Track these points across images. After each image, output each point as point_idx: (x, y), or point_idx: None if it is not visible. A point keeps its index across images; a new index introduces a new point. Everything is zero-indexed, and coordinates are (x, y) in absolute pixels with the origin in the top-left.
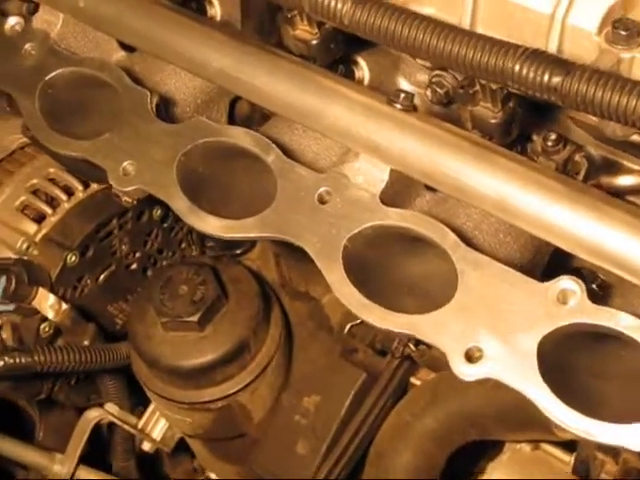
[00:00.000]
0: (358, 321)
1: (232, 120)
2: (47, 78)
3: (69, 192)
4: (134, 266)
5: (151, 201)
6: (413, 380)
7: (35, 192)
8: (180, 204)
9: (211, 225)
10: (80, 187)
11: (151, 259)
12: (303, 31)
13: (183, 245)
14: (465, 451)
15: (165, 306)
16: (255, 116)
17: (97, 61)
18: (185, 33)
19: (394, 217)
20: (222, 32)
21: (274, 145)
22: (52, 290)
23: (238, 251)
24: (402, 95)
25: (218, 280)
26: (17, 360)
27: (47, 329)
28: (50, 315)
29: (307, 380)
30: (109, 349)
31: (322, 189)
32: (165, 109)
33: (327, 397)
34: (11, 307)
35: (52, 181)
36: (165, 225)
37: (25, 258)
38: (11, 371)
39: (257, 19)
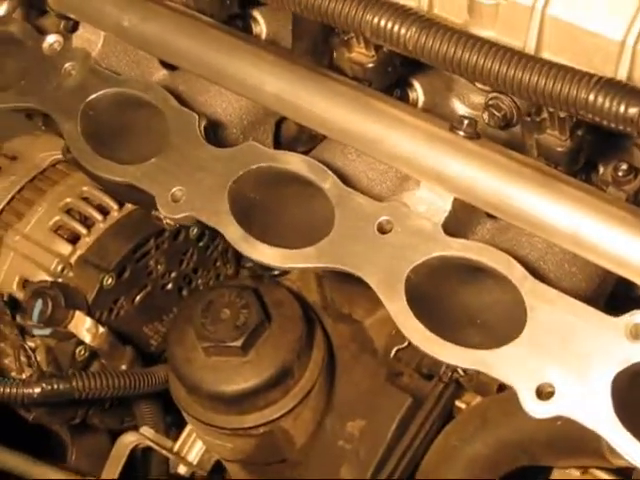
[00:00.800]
0: (404, 345)
1: (277, 141)
2: (89, 99)
3: (104, 211)
4: (169, 286)
5: None
6: (458, 403)
7: (69, 211)
8: (233, 232)
9: (267, 255)
10: (115, 206)
11: (186, 278)
12: (359, 54)
13: (218, 263)
14: (513, 476)
15: (207, 330)
16: (302, 137)
17: (141, 82)
18: (233, 53)
19: (458, 248)
20: (272, 53)
21: (330, 172)
22: (89, 313)
23: (277, 271)
24: (465, 122)
25: (261, 303)
26: (55, 387)
27: (82, 352)
28: (87, 339)
29: (351, 404)
30: (147, 373)
31: (382, 218)
32: (213, 132)
33: (372, 421)
34: (47, 331)
35: (86, 200)
36: (201, 244)
37: (61, 281)
38: (49, 398)
39: (310, 40)
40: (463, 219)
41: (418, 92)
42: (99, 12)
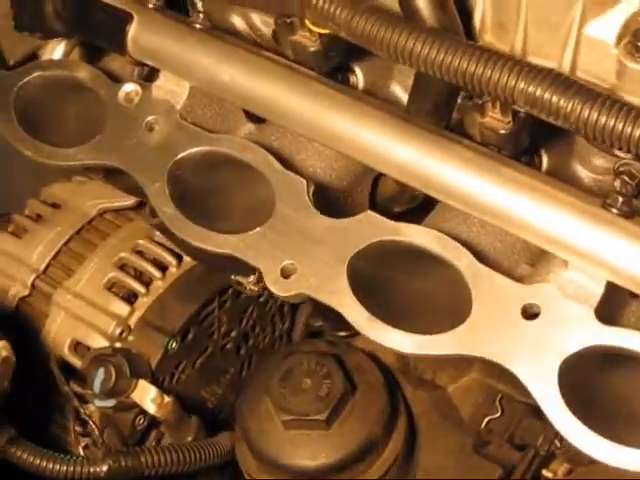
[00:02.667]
0: (497, 415)
1: (372, 199)
2: (177, 158)
3: (161, 266)
4: (229, 346)
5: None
6: (545, 473)
7: (122, 267)
8: (356, 315)
9: (397, 341)
10: (174, 261)
11: (245, 336)
12: (494, 119)
13: (275, 319)
14: None
15: (287, 402)
16: (402, 197)
17: (238, 141)
18: (339, 108)
19: (614, 337)
20: (386, 111)
21: (464, 249)
22: (153, 381)
23: (348, 332)
24: (620, 200)
25: (343, 371)
26: (123, 464)
27: (142, 421)
28: (152, 410)
29: (437, 476)
30: (214, 444)
31: (527, 302)
32: (321, 197)
33: None
34: (110, 403)
35: (141, 254)
36: (261, 299)
37: (121, 345)
38: (116, 476)
39: (432, 100)
40: (613, 303)
41: (544, 158)
42: (187, 62)
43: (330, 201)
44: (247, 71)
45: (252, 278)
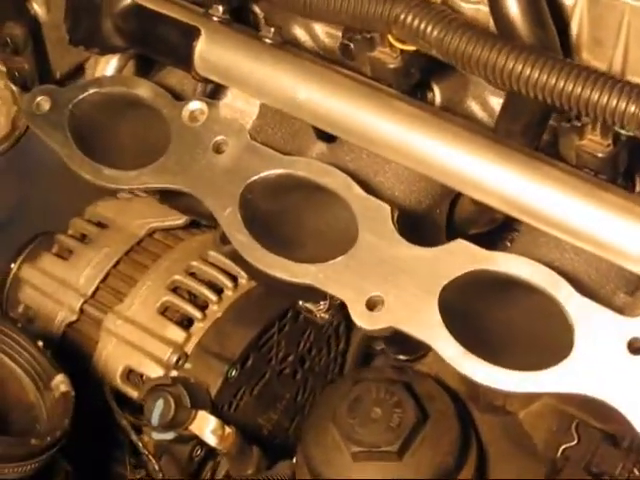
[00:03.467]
0: (573, 442)
1: (449, 221)
2: (249, 182)
3: (216, 289)
4: (286, 371)
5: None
6: None
7: (175, 290)
8: (450, 350)
9: (497, 379)
10: (229, 283)
11: (301, 360)
12: (593, 142)
13: (331, 340)
14: None
15: (356, 433)
16: (482, 219)
17: (315, 165)
18: (424, 128)
19: None
20: (475, 132)
21: (564, 280)
22: (213, 412)
23: (412, 356)
24: None
25: (414, 399)
26: None
27: (199, 452)
28: (213, 442)
29: None
30: (274, 476)
31: (634, 336)
32: (407, 224)
33: None
34: (169, 435)
35: (194, 276)
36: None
37: (180, 375)
38: None
39: (524, 121)
40: None
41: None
42: (259, 79)
43: (408, 224)
44: (324, 88)
45: (323, 305)
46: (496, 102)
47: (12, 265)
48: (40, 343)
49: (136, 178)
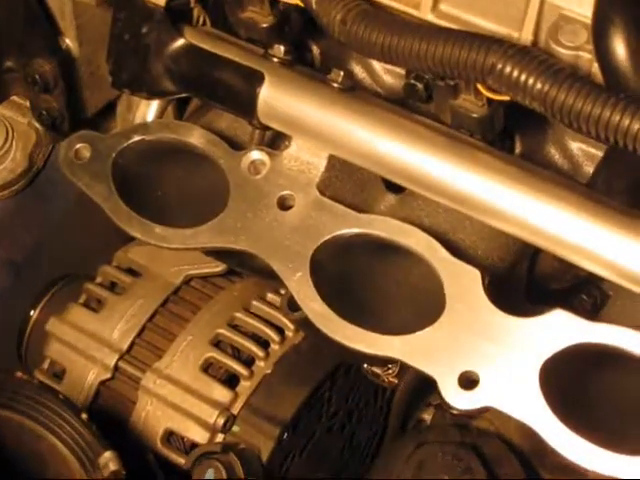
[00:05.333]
0: None
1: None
2: (320, 242)
3: (263, 343)
4: (336, 426)
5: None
6: None
7: (218, 344)
8: (555, 431)
9: (608, 466)
10: (276, 337)
11: (349, 414)
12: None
13: (378, 390)
14: None
15: None
16: (565, 276)
17: (393, 224)
18: (510, 183)
19: None
20: (564, 186)
21: None
22: (265, 478)
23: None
24: None
25: (485, 465)
26: None
27: None
28: None
29: None
30: None
31: None
32: (496, 289)
33: None
34: None
35: (237, 329)
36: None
37: (231, 441)
38: None
39: (630, 178)
40: None
41: None
42: (328, 128)
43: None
44: (399, 138)
45: (392, 370)
46: (576, 147)
47: (31, 312)
48: (84, 415)
49: (192, 237)
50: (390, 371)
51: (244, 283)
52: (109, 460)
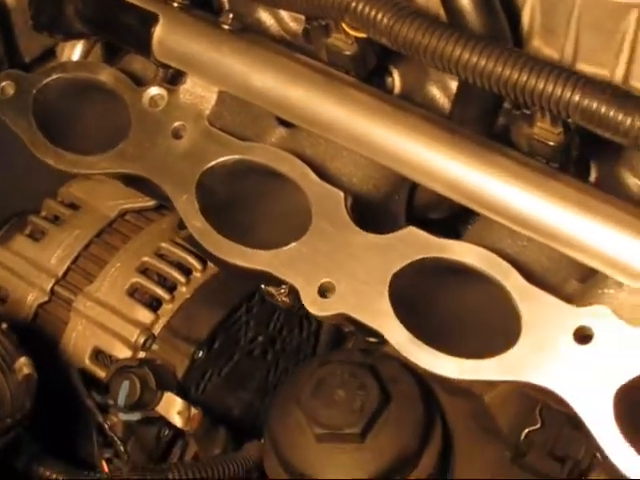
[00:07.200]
0: (537, 426)
1: (408, 206)
2: (206, 168)
3: (185, 271)
4: (256, 351)
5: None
6: None
7: (145, 272)
8: (398, 336)
9: (441, 366)
10: (198, 266)
11: (272, 341)
12: (542, 129)
13: (303, 320)
14: None
15: (319, 415)
16: (441, 206)
17: (271, 151)
18: (379, 117)
19: None
20: (429, 120)
21: (513, 268)
22: (179, 393)
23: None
24: None
25: (378, 382)
26: None
27: (167, 433)
28: (179, 423)
29: None
30: (242, 458)
31: (580, 325)
32: (358, 209)
33: None
34: (135, 416)
35: (163, 258)
36: None
37: (147, 356)
38: None
39: (477, 109)
40: None
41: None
42: (217, 66)
43: (366, 211)
44: (281, 77)
45: (283, 290)
46: (456, 86)
47: None
48: (4, 325)
49: (97, 163)
50: (282, 290)
51: (173, 216)
52: (23, 365)
